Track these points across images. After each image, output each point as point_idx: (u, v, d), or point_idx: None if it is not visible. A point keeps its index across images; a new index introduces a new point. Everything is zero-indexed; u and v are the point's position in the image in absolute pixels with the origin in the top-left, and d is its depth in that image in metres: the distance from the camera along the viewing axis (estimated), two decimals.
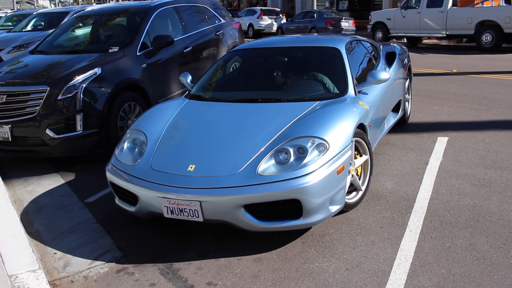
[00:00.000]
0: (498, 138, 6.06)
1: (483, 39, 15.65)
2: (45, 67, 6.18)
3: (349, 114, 4.11)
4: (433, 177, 4.88)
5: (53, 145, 5.59)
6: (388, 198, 4.45)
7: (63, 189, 5.26)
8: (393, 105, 5.94)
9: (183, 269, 3.50)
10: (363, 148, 4.29)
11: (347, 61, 4.93)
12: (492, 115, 7.22)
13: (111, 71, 6.10)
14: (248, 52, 5.79)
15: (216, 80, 5.47)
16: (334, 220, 4.06)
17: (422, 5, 17.59)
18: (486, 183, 4.69)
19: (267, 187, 3.41)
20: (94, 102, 5.76)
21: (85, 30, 7.74)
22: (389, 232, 3.83)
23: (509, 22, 14.83)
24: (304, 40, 5.98)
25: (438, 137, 6.23)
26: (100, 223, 4.35)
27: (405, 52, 7.02)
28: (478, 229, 3.79)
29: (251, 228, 3.55)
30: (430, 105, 8.10)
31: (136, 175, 3.82)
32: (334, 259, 3.49)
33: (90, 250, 3.86)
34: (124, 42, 6.73)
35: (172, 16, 7.84)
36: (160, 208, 3.65)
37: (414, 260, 3.41)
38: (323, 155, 3.58)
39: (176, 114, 4.56)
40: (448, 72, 11.66)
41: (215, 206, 3.47)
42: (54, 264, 3.69)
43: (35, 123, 5.52)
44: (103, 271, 3.55)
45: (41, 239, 4.11)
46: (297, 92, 4.82)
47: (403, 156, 5.58)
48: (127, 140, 4.28)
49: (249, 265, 3.49)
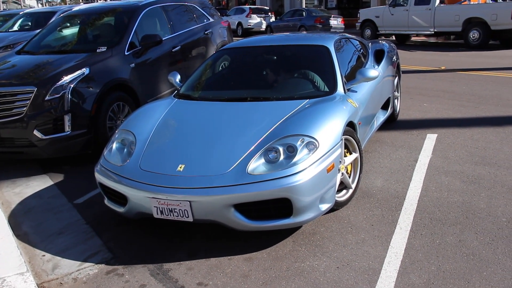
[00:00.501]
0: (486, 134, 6.10)
1: (471, 36, 15.74)
2: (32, 68, 6.12)
3: (338, 112, 4.11)
4: (422, 174, 4.90)
5: (41, 146, 5.54)
6: (378, 196, 4.46)
7: (51, 190, 5.21)
8: (382, 102, 5.95)
9: (173, 270, 3.48)
10: (353, 146, 4.29)
11: (336, 59, 4.93)
12: (480, 112, 7.26)
13: (99, 71, 6.06)
14: (237, 51, 5.77)
15: (205, 79, 5.45)
16: (325, 218, 4.06)
17: (410, 3, 17.66)
18: (475, 179, 4.71)
19: (257, 186, 3.41)
20: (82, 103, 5.72)
21: (72, 30, 7.69)
22: (379, 230, 3.84)
23: (496, 20, 14.94)
24: (293, 38, 5.98)
25: (427, 134, 6.25)
26: (89, 224, 4.32)
27: (393, 50, 7.04)
28: (467, 226, 3.81)
29: (242, 227, 3.54)
30: (419, 102, 8.13)
31: (125, 175, 3.80)
32: (324, 258, 3.49)
33: (79, 252, 3.83)
34: (112, 42, 6.68)
35: (160, 15, 7.80)
36: (150, 209, 3.63)
37: (404, 258, 3.42)
38: (313, 153, 3.58)
39: (165, 113, 4.53)
40: (437, 69, 11.72)
41: (205, 206, 3.46)
42: (43, 266, 3.66)
43: (23, 124, 5.47)
44: (92, 272, 3.53)
45: (29, 241, 4.07)
46: (286, 90, 4.81)
47: (393, 153, 5.59)
48: (116, 141, 4.25)
49: (240, 265, 3.48)
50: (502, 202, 4.18)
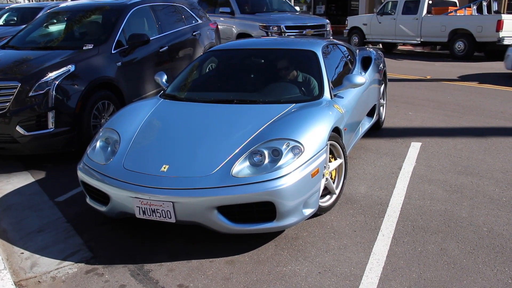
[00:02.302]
0: (469, 144, 6.15)
1: (456, 47, 15.88)
2: (17, 63, 6.04)
3: (324, 117, 4.11)
4: (406, 182, 4.92)
5: (23, 142, 5.46)
6: (362, 202, 4.47)
7: (32, 187, 5.14)
8: (368, 109, 5.97)
9: (154, 271, 3.45)
10: (338, 152, 4.30)
11: (323, 64, 4.94)
12: (464, 122, 7.33)
13: (85, 68, 6.00)
14: (225, 53, 5.76)
15: (191, 80, 5.43)
16: (308, 223, 4.05)
17: (397, 12, 17.78)
18: (457, 188, 4.74)
19: (241, 189, 3.39)
20: (66, 100, 5.65)
21: (59, 27, 7.61)
22: (361, 236, 3.84)
23: (481, 32, 15.09)
24: (281, 42, 5.98)
25: (411, 142, 6.29)
26: (70, 222, 4.27)
27: (380, 57, 7.08)
28: (449, 234, 3.83)
29: (224, 230, 3.52)
30: (404, 110, 8.18)
31: (108, 174, 3.76)
32: (306, 263, 3.48)
33: (59, 250, 3.78)
34: (99, 40, 6.63)
35: (148, 15, 7.76)
36: (132, 209, 3.59)
37: (386, 264, 3.42)
38: (298, 157, 3.58)
39: (151, 113, 4.50)
40: (422, 78, 11.80)
41: (188, 207, 3.43)
42: (21, 264, 3.60)
43: (5, 119, 5.39)
44: (71, 271, 3.48)
45: (7, 239, 4.01)
46: (273, 94, 4.81)
47: (377, 160, 5.61)
48: (99, 139, 4.21)
49: (221, 268, 3.46)
50: (483, 212, 4.21)
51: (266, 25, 12.90)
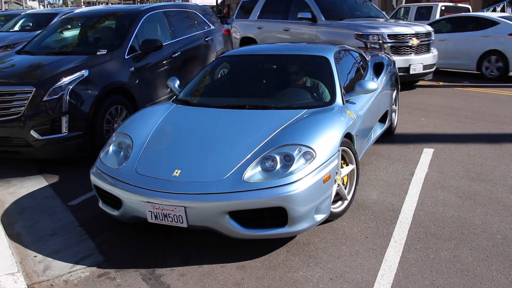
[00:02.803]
0: (483, 151, 6.11)
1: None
2: (32, 68, 6.11)
3: (336, 123, 4.11)
4: (418, 188, 4.89)
5: (37, 146, 5.52)
6: (374, 208, 4.45)
7: (46, 191, 5.19)
8: (380, 115, 5.95)
9: (165, 275, 3.46)
10: (350, 158, 4.29)
11: (335, 70, 4.94)
12: (477, 128, 7.28)
13: (98, 73, 6.06)
14: (237, 58, 5.78)
15: (204, 85, 5.45)
16: (319, 229, 4.04)
17: (410, 18, 17.72)
18: (470, 195, 4.71)
19: (252, 194, 3.39)
20: (80, 104, 5.70)
21: (73, 32, 7.69)
22: (373, 242, 3.82)
23: None
24: (293, 48, 5.99)
25: (424, 148, 6.26)
26: (82, 226, 4.29)
27: (392, 63, 7.06)
28: (462, 241, 3.80)
29: (236, 235, 3.52)
30: (416, 116, 8.14)
31: (121, 178, 3.78)
32: (318, 268, 3.47)
33: (71, 254, 3.80)
34: (112, 45, 6.68)
35: (161, 21, 7.82)
36: (144, 213, 3.61)
37: (398, 271, 3.40)
38: (310, 163, 3.57)
39: (163, 118, 4.53)
40: (435, 84, 11.74)
41: (199, 212, 3.44)
42: (34, 267, 3.63)
43: (20, 123, 5.45)
44: (84, 275, 3.50)
45: (21, 242, 4.04)
46: (285, 99, 4.81)
47: (389, 166, 5.59)
48: (112, 143, 4.24)
49: (233, 273, 3.46)
50: (497, 219, 4.17)
51: (363, 33, 9.91)
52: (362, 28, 10.03)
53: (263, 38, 12.40)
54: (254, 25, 12.68)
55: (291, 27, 11.43)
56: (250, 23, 12.86)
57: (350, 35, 9.99)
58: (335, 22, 10.68)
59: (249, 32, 12.86)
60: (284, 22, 11.76)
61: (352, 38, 9.88)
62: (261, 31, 12.42)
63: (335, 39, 10.00)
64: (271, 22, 12.24)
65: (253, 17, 12.81)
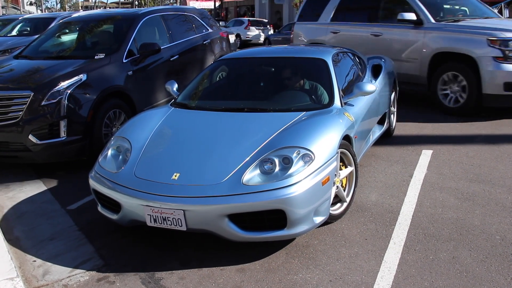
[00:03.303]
0: (481, 152, 6.11)
1: None
2: (30, 72, 6.12)
3: (335, 125, 4.11)
4: (417, 190, 4.90)
5: (35, 151, 5.52)
6: (373, 210, 4.46)
7: (45, 195, 5.18)
8: (378, 117, 5.96)
9: (165, 279, 3.46)
10: (348, 160, 4.29)
11: (333, 73, 4.95)
12: (475, 129, 7.28)
13: (96, 77, 6.06)
14: (235, 61, 5.79)
15: (202, 88, 5.46)
16: (318, 231, 4.04)
17: None
18: (469, 196, 4.71)
19: (251, 197, 3.40)
20: (78, 109, 5.70)
21: (71, 36, 7.70)
22: (373, 244, 3.83)
23: None
24: (291, 50, 6.00)
25: (422, 150, 6.26)
26: (81, 230, 4.29)
27: (391, 65, 7.07)
28: (461, 242, 3.80)
29: (235, 238, 3.52)
30: (415, 118, 8.14)
31: (120, 182, 3.78)
32: (317, 271, 3.47)
33: (70, 258, 3.80)
34: (110, 49, 6.69)
35: (159, 24, 7.83)
36: (143, 217, 3.61)
37: (397, 273, 3.40)
38: (308, 165, 3.58)
39: (161, 122, 4.53)
40: None
41: (199, 215, 3.44)
42: (33, 272, 3.63)
43: (18, 128, 5.45)
44: (83, 279, 3.50)
45: (20, 246, 4.04)
46: (283, 102, 4.82)
47: (388, 168, 5.60)
48: (111, 147, 4.24)
49: (232, 276, 3.46)
50: (496, 220, 4.18)
51: (500, 39, 7.37)
52: (496, 31, 7.54)
53: (343, 46, 8.87)
54: (326, 29, 10.41)
55: (384, 32, 9.12)
56: (321, 27, 10.58)
57: (479, 41, 7.58)
58: (450, 24, 8.33)
59: (319, 38, 10.61)
60: (372, 25, 9.46)
61: (483, 45, 7.51)
62: (337, 37, 10.15)
63: (452, 45, 7.98)
64: (352, 25, 9.93)
65: (324, 19, 10.56)
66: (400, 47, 8.81)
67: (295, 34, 11.33)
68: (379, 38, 9.23)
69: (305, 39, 10.97)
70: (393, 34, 8.99)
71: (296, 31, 11.31)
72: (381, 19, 9.41)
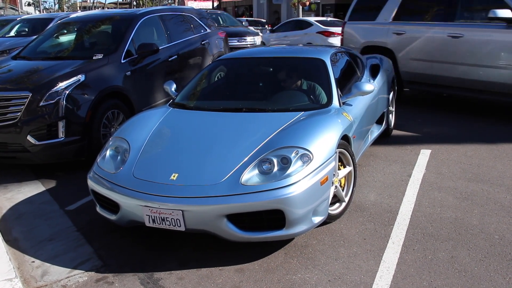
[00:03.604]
0: (479, 151, 6.12)
1: None
2: (28, 73, 6.11)
3: (333, 125, 4.11)
4: (416, 190, 4.90)
5: (34, 151, 5.51)
6: (371, 210, 4.46)
7: (43, 196, 5.18)
8: (377, 117, 5.96)
9: (164, 279, 3.45)
10: (347, 160, 4.29)
11: (332, 72, 4.95)
12: (474, 129, 7.29)
13: (94, 78, 6.05)
14: (234, 61, 5.79)
15: (200, 89, 5.46)
16: (317, 231, 4.04)
17: None
18: (468, 196, 4.71)
19: (250, 197, 3.40)
20: (77, 109, 5.70)
21: (69, 37, 7.68)
22: (371, 244, 3.83)
23: None
24: (290, 50, 6.00)
25: (421, 149, 6.27)
26: (80, 231, 4.29)
27: (389, 65, 7.07)
28: (459, 242, 3.80)
29: (234, 238, 3.52)
30: (413, 117, 8.15)
31: (118, 183, 3.78)
32: (316, 271, 3.47)
33: (69, 259, 3.79)
34: (108, 50, 6.68)
35: (157, 25, 7.82)
36: (142, 217, 3.61)
37: (396, 272, 3.41)
38: (307, 165, 3.58)
39: (160, 122, 4.53)
40: None
41: (197, 216, 3.44)
42: (32, 272, 3.62)
43: (16, 129, 5.44)
44: (82, 280, 3.49)
45: (19, 247, 4.04)
46: (281, 102, 4.82)
47: (387, 168, 5.60)
48: (109, 148, 4.24)
49: (231, 276, 3.46)
50: (494, 219, 4.18)
51: None
52: None
53: (410, 49, 8.65)
54: (387, 30, 9.05)
55: (465, 33, 7.75)
56: (380, 27, 9.23)
57: None
58: None
59: (377, 39, 9.29)
60: (449, 25, 8.09)
61: None
62: (402, 38, 8.77)
63: None
64: (422, 25, 8.54)
65: (384, 18, 9.18)
66: (489, 51, 7.47)
67: (347, 36, 10.05)
68: (459, 40, 7.85)
69: (360, 41, 9.64)
70: (478, 35, 7.61)
71: (347, 31, 10.03)
72: (461, 17, 8.01)
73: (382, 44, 9.11)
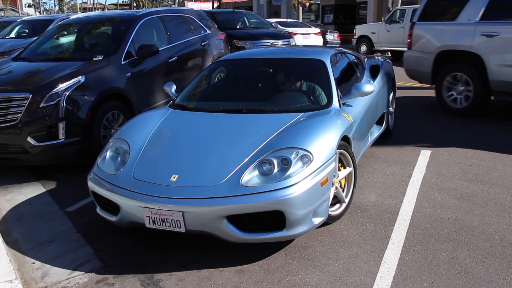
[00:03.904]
0: (479, 152, 6.12)
1: None
2: (28, 74, 6.11)
3: (333, 126, 4.11)
4: (416, 190, 4.90)
5: (34, 153, 5.51)
6: (371, 211, 4.46)
7: (43, 197, 5.18)
8: (377, 117, 5.96)
9: (164, 280, 3.45)
10: (347, 160, 4.29)
11: (331, 73, 4.95)
12: (474, 129, 7.29)
13: (95, 79, 6.05)
14: (233, 62, 5.79)
15: (200, 90, 5.45)
16: (317, 232, 4.04)
17: (406, 20, 17.79)
18: (468, 196, 4.71)
19: (250, 198, 3.39)
20: (77, 111, 5.70)
21: (69, 38, 7.69)
22: (372, 245, 3.83)
23: None
24: (290, 51, 6.00)
25: (421, 150, 6.27)
26: (80, 232, 4.29)
27: (389, 66, 7.07)
28: (460, 243, 3.80)
29: (234, 239, 3.52)
30: (413, 118, 8.15)
31: (118, 184, 3.78)
32: (316, 272, 3.47)
33: (69, 260, 3.79)
34: (108, 51, 6.68)
35: (157, 26, 7.82)
36: (142, 218, 3.61)
37: (396, 273, 3.40)
38: (307, 166, 3.58)
39: (160, 123, 4.53)
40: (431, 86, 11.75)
41: (197, 217, 3.44)
42: (32, 274, 3.62)
43: (17, 130, 5.45)
44: (82, 281, 3.49)
45: (19, 249, 4.03)
46: (281, 103, 4.82)
47: (387, 168, 5.60)
48: (109, 149, 4.24)
49: (231, 277, 3.45)
50: (495, 220, 4.18)
51: None
52: None
53: (505, 54, 7.18)
54: (472, 31, 7.61)
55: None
56: (464, 28, 7.78)
57: None
58: None
59: (460, 42, 7.86)
60: None
61: None
62: (494, 41, 7.33)
63: None
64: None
65: (468, 17, 7.77)
66: None
67: (416, 37, 8.71)
68: None
69: (435, 45, 8.29)
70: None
71: (417, 33, 8.67)
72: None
73: (466, 49, 7.73)
